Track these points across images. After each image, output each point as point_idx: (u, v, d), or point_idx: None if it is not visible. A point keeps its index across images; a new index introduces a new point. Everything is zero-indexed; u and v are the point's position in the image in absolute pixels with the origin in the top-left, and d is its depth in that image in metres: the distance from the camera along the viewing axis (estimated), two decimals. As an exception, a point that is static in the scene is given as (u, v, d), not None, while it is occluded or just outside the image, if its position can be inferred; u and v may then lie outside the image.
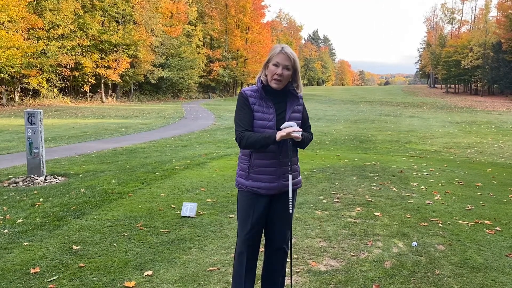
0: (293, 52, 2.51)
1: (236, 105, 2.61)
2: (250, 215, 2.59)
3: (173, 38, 43.10)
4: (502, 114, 30.70)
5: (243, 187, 2.62)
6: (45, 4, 28.15)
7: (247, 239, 2.62)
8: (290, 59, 2.48)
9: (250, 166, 2.57)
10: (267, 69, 2.53)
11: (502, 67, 52.46)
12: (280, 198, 2.63)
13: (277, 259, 2.74)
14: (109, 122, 18.92)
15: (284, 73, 2.49)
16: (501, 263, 3.63)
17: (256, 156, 2.55)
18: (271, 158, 2.54)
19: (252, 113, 2.52)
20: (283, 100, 2.59)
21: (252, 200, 2.59)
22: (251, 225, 2.60)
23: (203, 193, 5.98)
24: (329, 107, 35.89)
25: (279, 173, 2.56)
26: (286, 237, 2.71)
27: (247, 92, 2.57)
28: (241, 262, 2.65)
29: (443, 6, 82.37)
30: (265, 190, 2.56)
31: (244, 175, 2.61)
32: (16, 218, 4.73)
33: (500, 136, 16.67)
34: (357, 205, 5.43)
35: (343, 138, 14.80)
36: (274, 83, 2.51)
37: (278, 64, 2.47)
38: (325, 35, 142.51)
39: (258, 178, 2.56)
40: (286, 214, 2.64)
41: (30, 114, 6.91)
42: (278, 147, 2.52)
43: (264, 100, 2.54)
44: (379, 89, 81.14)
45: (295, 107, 2.61)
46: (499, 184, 6.97)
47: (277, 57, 2.48)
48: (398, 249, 3.91)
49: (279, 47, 2.51)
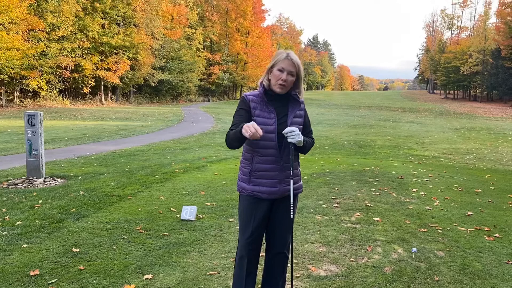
0: (298, 59, 2.53)
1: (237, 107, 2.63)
2: (251, 220, 2.59)
3: (173, 41, 43.21)
4: (501, 120, 30.77)
5: (245, 191, 2.62)
6: (46, 6, 28.21)
7: (248, 244, 2.62)
8: (295, 65, 2.50)
9: (252, 170, 2.58)
10: (271, 73, 2.54)
11: (501, 73, 52.63)
12: (281, 203, 2.64)
13: (278, 263, 2.74)
14: (109, 124, 18.91)
15: (289, 79, 2.50)
16: (500, 270, 3.63)
17: (257, 161, 2.56)
18: (272, 163, 2.54)
19: (250, 117, 2.53)
20: (285, 104, 2.60)
21: (253, 204, 2.59)
22: (252, 230, 2.60)
23: (202, 196, 5.98)
24: (328, 112, 35.94)
25: (281, 177, 2.56)
26: (286, 242, 2.71)
27: (249, 96, 2.58)
28: (242, 266, 2.65)
29: (443, 12, 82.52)
30: (267, 194, 2.57)
31: (245, 179, 2.61)
32: (16, 220, 4.72)
33: (499, 142, 16.70)
34: (356, 210, 5.43)
35: (342, 142, 14.82)
36: (278, 87, 2.52)
37: (283, 70, 2.49)
38: (324, 40, 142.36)
39: (260, 182, 2.56)
40: (287, 219, 2.64)
41: (30, 115, 6.90)
42: (279, 152, 2.53)
43: (265, 104, 2.55)
44: (378, 94, 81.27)
45: (297, 112, 2.61)
46: (498, 191, 6.98)
47: (282, 62, 2.49)
48: (398, 255, 3.91)
49: (284, 53, 2.53)
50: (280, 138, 2.52)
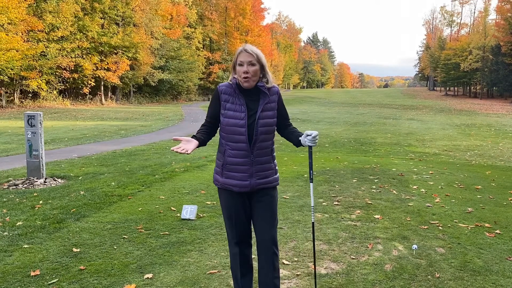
0: (255, 49, 2.56)
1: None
2: (232, 214, 2.65)
3: (172, 41, 43.20)
4: (501, 116, 30.75)
5: (218, 183, 2.67)
6: (45, 6, 28.21)
7: (233, 237, 2.68)
8: (252, 54, 2.51)
9: (224, 163, 2.61)
10: (235, 71, 2.58)
11: (501, 70, 52.55)
12: (257, 197, 2.64)
13: (267, 260, 2.64)
14: (109, 124, 18.92)
15: (250, 69, 2.51)
16: (501, 266, 3.63)
17: (228, 154, 2.58)
18: (243, 157, 2.56)
19: (220, 109, 2.58)
20: (256, 99, 2.60)
21: (229, 197, 2.64)
22: (234, 224, 2.65)
23: (203, 195, 5.98)
24: (329, 110, 35.91)
25: (252, 171, 2.57)
26: (271, 238, 2.64)
27: (221, 87, 2.61)
28: (235, 260, 2.71)
29: (442, 9, 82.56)
30: (238, 188, 2.59)
31: (219, 171, 2.65)
32: (16, 220, 4.72)
33: (499, 139, 16.69)
34: (357, 208, 5.43)
35: (343, 140, 14.81)
36: (244, 82, 2.54)
37: (242, 63, 2.52)
38: (324, 38, 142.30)
39: (231, 175, 2.59)
40: (266, 214, 2.63)
41: (30, 116, 6.91)
42: (249, 147, 2.54)
43: (237, 97, 2.56)
44: (379, 92, 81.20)
45: (266, 105, 2.60)
46: (499, 187, 6.97)
47: (240, 56, 2.53)
48: (399, 252, 3.90)
49: (240, 48, 2.57)
50: (250, 132, 2.53)
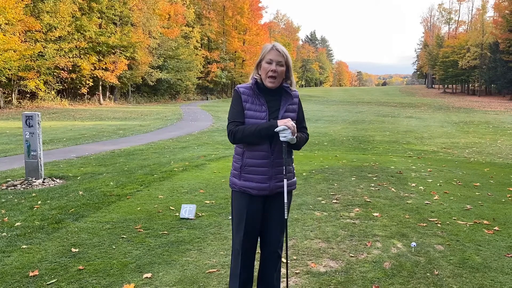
0: (285, 49, 2.52)
1: (231, 101, 2.61)
2: (244, 217, 2.57)
3: (170, 40, 43.13)
4: (499, 114, 30.78)
5: (236, 186, 2.60)
6: (42, 7, 28.13)
7: (241, 241, 2.60)
8: (282, 55, 2.48)
9: (242, 165, 2.55)
10: (261, 68, 2.53)
11: (499, 67, 52.62)
12: (274, 200, 2.59)
13: (271, 262, 2.68)
14: (107, 124, 18.89)
15: (278, 69, 2.48)
16: (500, 263, 3.64)
17: (248, 155, 2.53)
18: (263, 158, 2.51)
19: (243, 110, 2.52)
20: (277, 98, 2.56)
21: (245, 200, 2.56)
22: (245, 227, 2.57)
23: (201, 194, 5.97)
24: (327, 108, 35.90)
25: (271, 173, 2.52)
26: (279, 241, 2.66)
27: (240, 89, 2.57)
28: (237, 262, 2.65)
29: (440, 6, 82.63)
30: (256, 190, 2.53)
31: (236, 174, 2.59)
32: (15, 221, 4.71)
33: (498, 136, 16.71)
34: (356, 206, 5.43)
35: (341, 138, 14.82)
36: (269, 81, 2.50)
37: (271, 61, 2.47)
38: (322, 36, 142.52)
39: (250, 178, 2.53)
40: (279, 218, 2.60)
41: (28, 116, 6.89)
42: (270, 147, 2.50)
43: (257, 97, 2.52)
44: (377, 90, 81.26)
45: (289, 106, 2.57)
46: (497, 184, 6.98)
47: (269, 54, 2.49)
48: (397, 250, 3.91)
49: (270, 45, 2.52)
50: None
